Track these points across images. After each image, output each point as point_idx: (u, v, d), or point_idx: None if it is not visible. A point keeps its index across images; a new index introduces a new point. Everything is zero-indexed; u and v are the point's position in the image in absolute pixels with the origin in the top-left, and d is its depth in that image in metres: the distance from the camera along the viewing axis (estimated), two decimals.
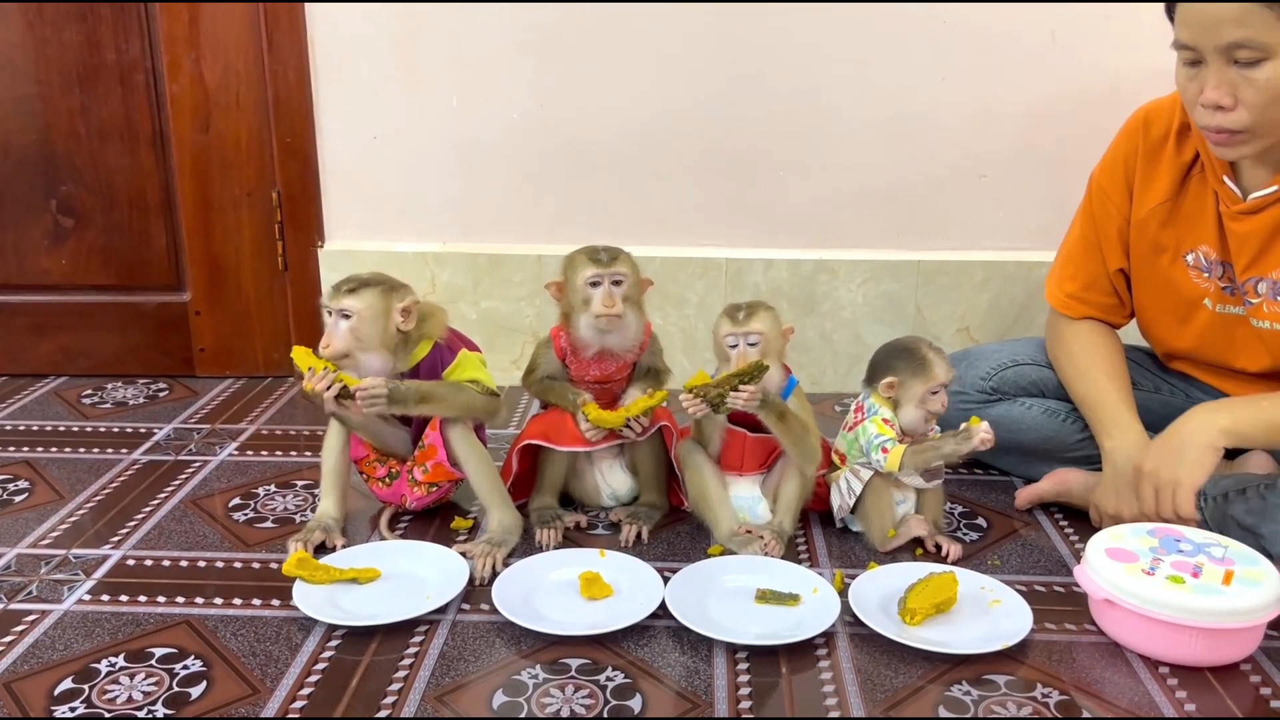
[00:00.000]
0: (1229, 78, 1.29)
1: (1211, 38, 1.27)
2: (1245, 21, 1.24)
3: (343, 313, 1.45)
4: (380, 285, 1.48)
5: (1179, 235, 1.54)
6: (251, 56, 2.09)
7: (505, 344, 2.22)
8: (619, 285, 1.52)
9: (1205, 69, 1.31)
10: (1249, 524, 1.42)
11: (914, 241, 2.15)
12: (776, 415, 1.47)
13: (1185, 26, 1.31)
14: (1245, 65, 1.27)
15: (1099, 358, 1.62)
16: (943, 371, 1.51)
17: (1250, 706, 1.19)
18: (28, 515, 1.64)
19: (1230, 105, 1.30)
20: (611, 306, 1.50)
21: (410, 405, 1.47)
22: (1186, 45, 1.31)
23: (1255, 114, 1.30)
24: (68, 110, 2.13)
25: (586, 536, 1.58)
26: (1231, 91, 1.29)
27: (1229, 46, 1.27)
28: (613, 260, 1.52)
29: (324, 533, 1.53)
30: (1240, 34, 1.25)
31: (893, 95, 2.06)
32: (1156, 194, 1.53)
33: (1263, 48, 1.25)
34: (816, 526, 1.61)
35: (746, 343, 1.49)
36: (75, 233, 2.21)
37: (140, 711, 1.16)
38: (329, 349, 1.44)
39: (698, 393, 1.45)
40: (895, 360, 1.52)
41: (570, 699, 1.18)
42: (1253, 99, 1.29)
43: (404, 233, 2.20)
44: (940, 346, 1.54)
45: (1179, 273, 1.56)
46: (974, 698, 1.19)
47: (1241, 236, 1.45)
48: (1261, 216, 1.42)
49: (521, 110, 2.11)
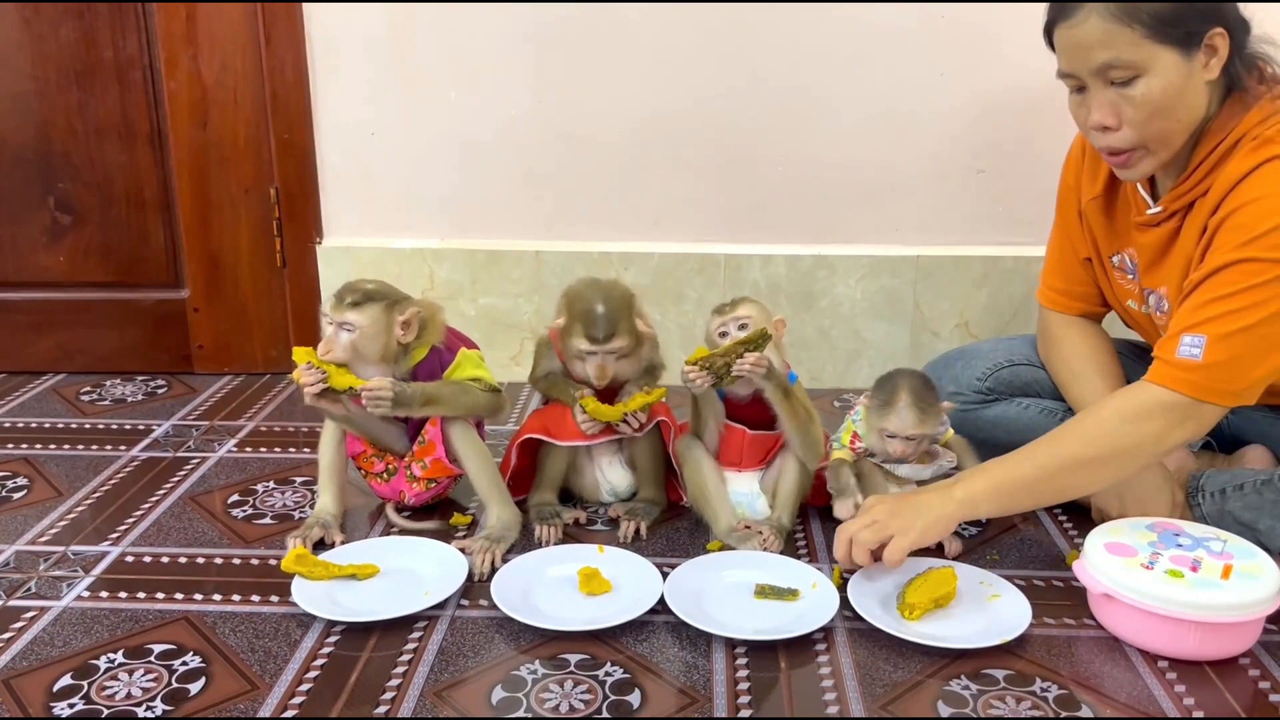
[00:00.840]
0: (1109, 99, 1.32)
1: (1085, 63, 1.31)
2: (1109, 43, 1.28)
3: (344, 326, 1.45)
4: (383, 300, 1.47)
5: (1108, 236, 1.57)
6: (249, 53, 2.09)
7: (503, 340, 2.21)
8: (613, 356, 1.52)
9: (1089, 94, 1.34)
10: (1247, 519, 1.43)
11: (912, 237, 2.15)
12: (782, 391, 1.47)
13: (1062, 55, 1.35)
14: (1121, 85, 1.31)
15: (1092, 359, 1.62)
16: (900, 423, 1.47)
17: (1249, 701, 1.19)
18: (26, 512, 1.64)
19: (1115, 125, 1.33)
20: (603, 380, 1.53)
21: (415, 408, 1.48)
22: (1067, 74, 1.35)
23: (1139, 130, 1.33)
24: (65, 107, 2.13)
25: (585, 532, 1.58)
26: (1114, 112, 1.33)
27: (1101, 68, 1.30)
28: (609, 338, 1.50)
29: (322, 529, 1.53)
30: (1107, 55, 1.29)
31: (890, 90, 2.06)
32: (1095, 187, 1.56)
33: (1131, 65, 1.29)
34: (815, 521, 1.61)
35: (736, 327, 1.49)
36: (73, 230, 2.20)
37: (139, 708, 1.15)
38: (329, 355, 1.45)
39: (703, 364, 1.44)
40: (879, 387, 1.52)
41: (569, 694, 1.18)
42: (1133, 116, 1.32)
43: (402, 229, 2.20)
44: (942, 399, 1.53)
45: (1110, 271, 1.59)
46: (973, 692, 1.19)
47: (1142, 246, 1.48)
48: (1156, 231, 1.45)
49: (519, 106, 2.11)
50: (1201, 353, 1.28)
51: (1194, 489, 1.49)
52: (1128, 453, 1.33)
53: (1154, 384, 1.32)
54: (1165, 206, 1.41)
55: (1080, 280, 1.65)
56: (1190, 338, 1.30)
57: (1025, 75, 2.03)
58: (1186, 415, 1.30)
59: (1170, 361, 1.31)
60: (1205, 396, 1.29)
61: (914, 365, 2.12)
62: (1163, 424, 1.31)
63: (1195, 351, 1.29)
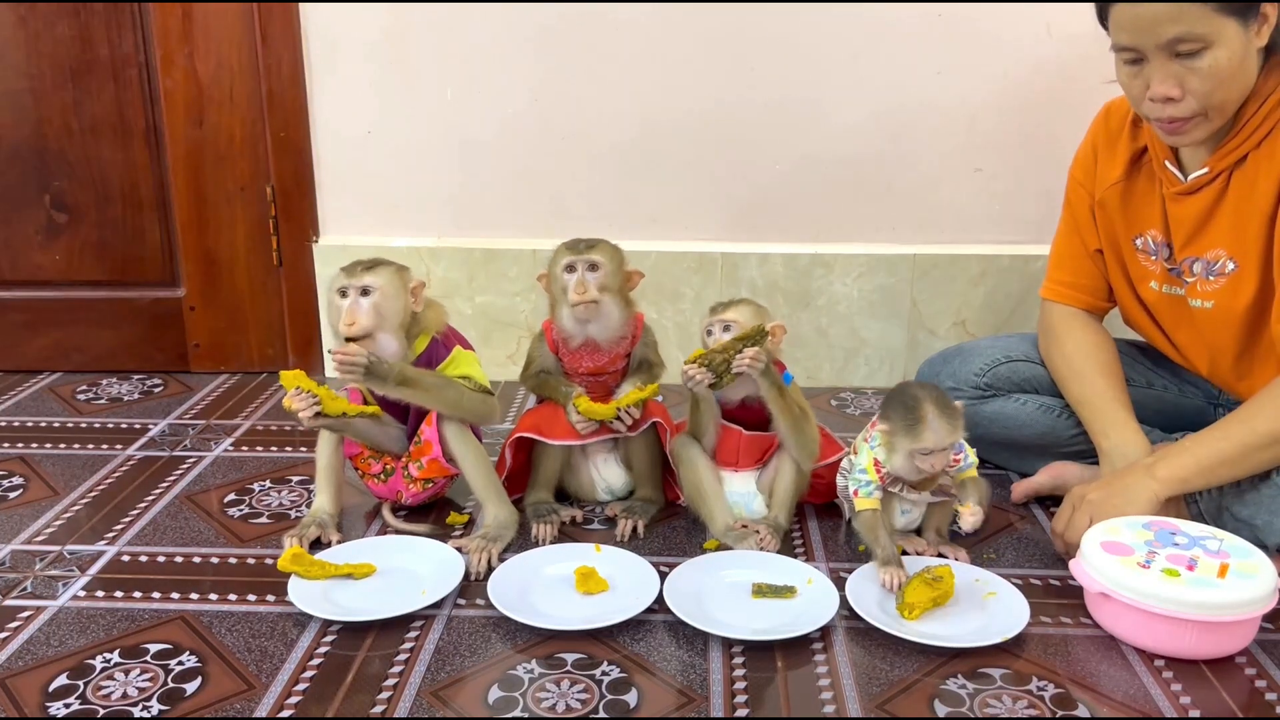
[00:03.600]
0: (1173, 71, 1.34)
1: (1151, 37, 1.32)
2: (1180, 18, 1.29)
3: (363, 289, 1.45)
4: (392, 264, 1.50)
5: (1130, 219, 1.58)
6: (245, 51, 2.09)
7: (500, 339, 2.21)
8: (595, 272, 1.52)
9: (1148, 66, 1.35)
10: (1244, 516, 1.43)
11: (909, 235, 2.15)
12: (777, 389, 1.47)
13: (1122, 30, 1.35)
14: (1187, 56, 1.32)
15: (1093, 357, 1.62)
16: (936, 437, 1.37)
17: (1246, 699, 1.19)
18: (22, 511, 1.63)
19: (1179, 96, 1.35)
20: (584, 293, 1.50)
21: (390, 384, 1.45)
22: (1126, 47, 1.36)
23: (1203, 100, 1.35)
24: (60, 105, 2.12)
25: (582, 531, 1.58)
26: (1178, 83, 1.34)
27: (1170, 42, 1.31)
28: (589, 248, 1.53)
29: (319, 528, 1.53)
30: (1178, 29, 1.30)
31: (887, 89, 2.06)
32: (1112, 174, 1.58)
33: (1201, 38, 1.30)
34: (812, 520, 1.61)
35: (721, 329, 1.50)
36: (69, 228, 2.20)
37: (135, 708, 1.15)
38: (355, 326, 1.44)
39: (702, 361, 1.45)
40: (893, 409, 1.41)
41: (566, 694, 1.18)
42: (1199, 86, 1.34)
43: (399, 227, 2.20)
44: (959, 401, 1.44)
45: (1130, 255, 1.60)
46: (969, 691, 1.19)
47: (1179, 218, 1.50)
48: (1198, 197, 1.47)
49: (517, 105, 2.11)
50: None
51: None
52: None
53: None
54: (1212, 167, 1.43)
55: (1088, 273, 1.66)
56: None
57: (1022, 73, 2.03)
58: None
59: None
60: None
61: (912, 363, 2.15)
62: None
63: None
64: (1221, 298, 1.48)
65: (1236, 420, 1.41)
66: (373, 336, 1.46)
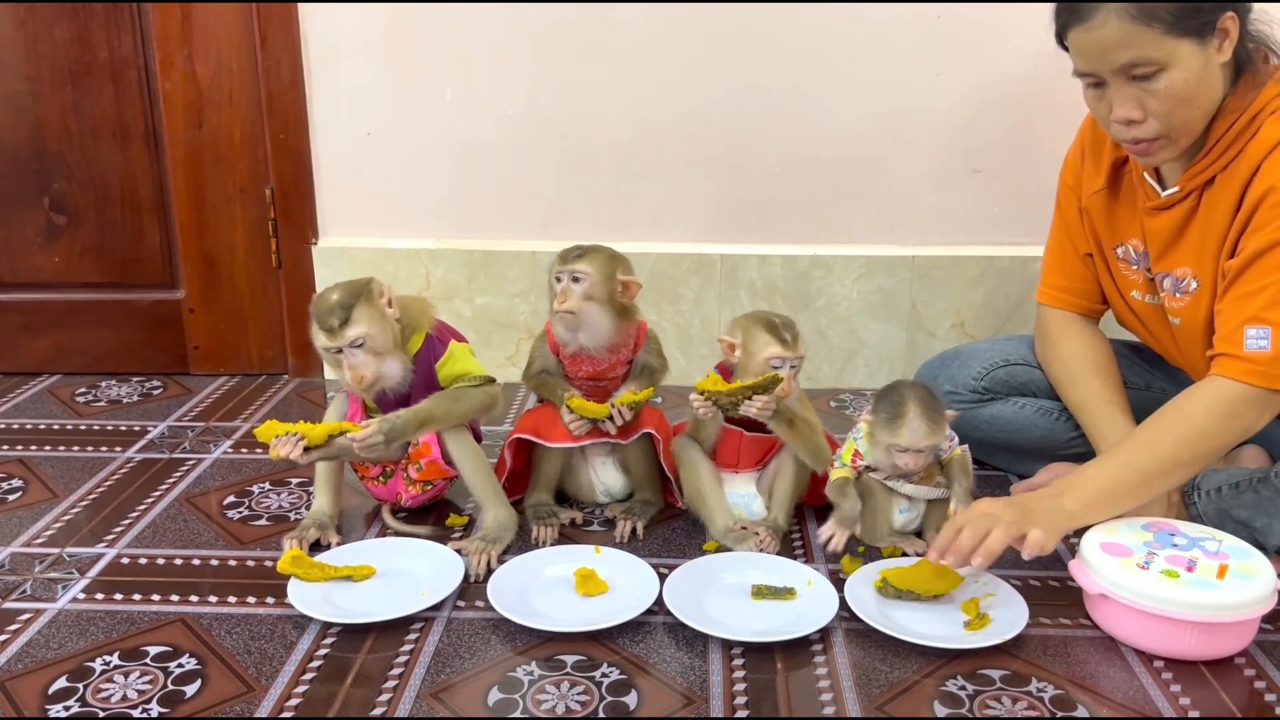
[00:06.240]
0: (1132, 94, 1.34)
1: (1105, 63, 1.33)
2: (1130, 43, 1.29)
3: (354, 343, 1.43)
4: (360, 297, 1.44)
5: (1112, 228, 1.58)
6: (244, 53, 2.09)
7: (500, 340, 2.21)
8: (578, 283, 1.51)
9: (1109, 89, 1.35)
10: (1243, 518, 1.43)
11: (908, 236, 2.15)
12: (786, 423, 1.48)
13: (1079, 57, 1.36)
14: (1143, 79, 1.32)
15: (1089, 361, 1.62)
16: (913, 436, 1.42)
17: (1245, 700, 1.19)
18: (21, 514, 1.63)
19: (1140, 118, 1.35)
20: (563, 303, 1.50)
21: (411, 433, 1.47)
22: (1085, 73, 1.37)
23: (1164, 120, 1.34)
24: (60, 107, 2.12)
25: (582, 533, 1.58)
26: (1138, 105, 1.34)
27: (1124, 67, 1.32)
28: (577, 258, 1.51)
29: (319, 530, 1.53)
30: (1129, 55, 1.30)
31: (886, 90, 2.06)
32: (1097, 181, 1.58)
33: (1155, 61, 1.30)
34: (812, 522, 1.61)
35: (790, 365, 1.48)
36: (68, 230, 2.20)
37: (135, 710, 1.15)
38: (363, 383, 1.44)
39: (710, 397, 1.45)
40: (881, 402, 1.47)
41: (566, 696, 1.18)
42: (1158, 108, 1.33)
43: (398, 229, 2.20)
44: (953, 409, 1.50)
45: (1114, 263, 1.60)
46: (969, 692, 1.19)
47: (1154, 231, 1.50)
48: (1170, 214, 1.46)
49: (516, 106, 2.10)
50: (1269, 343, 1.32)
51: (1190, 488, 1.49)
52: (1219, 449, 1.38)
53: (1230, 379, 1.34)
54: (1182, 186, 1.43)
55: (1081, 276, 1.66)
56: (1255, 330, 1.33)
57: (1021, 74, 2.03)
58: (1267, 405, 1.35)
59: (1241, 357, 1.34)
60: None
61: (911, 365, 2.15)
62: (1250, 418, 1.35)
63: (1263, 343, 1.32)
64: (1186, 315, 1.48)
65: (1139, 447, 1.37)
66: (379, 378, 1.46)
